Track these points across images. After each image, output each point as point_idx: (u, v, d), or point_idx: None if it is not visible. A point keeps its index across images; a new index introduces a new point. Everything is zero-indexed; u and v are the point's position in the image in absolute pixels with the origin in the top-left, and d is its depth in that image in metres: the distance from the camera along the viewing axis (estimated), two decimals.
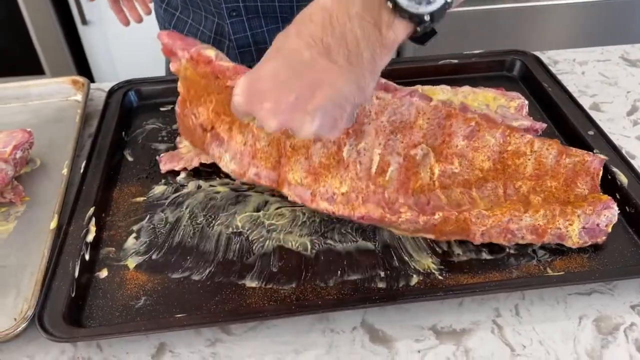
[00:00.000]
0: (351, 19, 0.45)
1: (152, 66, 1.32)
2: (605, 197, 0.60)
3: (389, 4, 0.44)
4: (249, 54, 0.90)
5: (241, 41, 0.88)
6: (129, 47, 1.82)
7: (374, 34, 0.46)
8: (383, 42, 0.46)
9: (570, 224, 0.59)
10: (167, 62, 1.07)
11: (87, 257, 0.59)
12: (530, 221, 0.58)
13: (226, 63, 0.63)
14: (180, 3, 0.91)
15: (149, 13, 0.90)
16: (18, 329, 0.52)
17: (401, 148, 0.61)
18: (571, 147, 0.64)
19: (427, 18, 0.45)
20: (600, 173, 0.63)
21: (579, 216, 0.59)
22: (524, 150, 0.63)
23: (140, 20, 0.90)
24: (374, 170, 0.60)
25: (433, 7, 0.45)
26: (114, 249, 0.61)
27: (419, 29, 0.47)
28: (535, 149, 0.63)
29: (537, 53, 0.89)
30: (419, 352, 0.53)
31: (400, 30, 0.46)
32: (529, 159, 0.63)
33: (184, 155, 0.70)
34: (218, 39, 0.90)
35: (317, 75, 0.46)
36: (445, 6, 0.46)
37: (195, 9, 0.90)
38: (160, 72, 0.89)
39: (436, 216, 0.58)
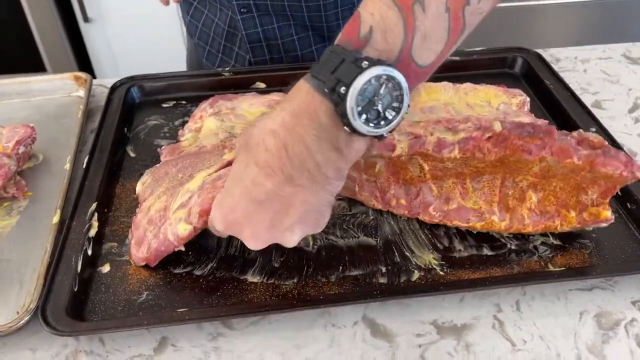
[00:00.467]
0: (308, 148, 0.44)
1: (153, 63, 1.32)
2: (605, 214, 0.57)
3: (346, 129, 0.43)
4: (260, 49, 0.90)
5: (252, 37, 0.88)
6: (130, 44, 1.83)
7: (334, 155, 0.44)
8: (345, 158, 0.45)
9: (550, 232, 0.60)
10: (189, 62, 1.07)
11: (89, 252, 0.59)
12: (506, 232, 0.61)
13: None
14: None
15: None
16: (21, 322, 0.52)
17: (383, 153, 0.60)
18: (609, 156, 0.54)
19: (386, 135, 0.45)
20: (626, 183, 0.57)
21: (559, 234, 0.60)
22: (529, 162, 0.57)
23: (178, 0, 0.91)
24: (362, 163, 0.61)
25: (392, 125, 0.44)
26: (116, 244, 0.61)
27: (378, 140, 0.46)
28: (549, 160, 0.56)
29: (540, 51, 0.89)
30: (420, 346, 0.53)
31: (360, 145, 0.45)
32: (537, 165, 0.58)
33: (184, 148, 0.70)
34: (232, 32, 0.91)
35: (285, 200, 0.46)
36: (402, 118, 0.45)
37: (211, 1, 0.91)
38: (162, 69, 0.89)
39: (420, 217, 0.62)
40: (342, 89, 0.42)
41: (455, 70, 0.86)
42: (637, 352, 0.52)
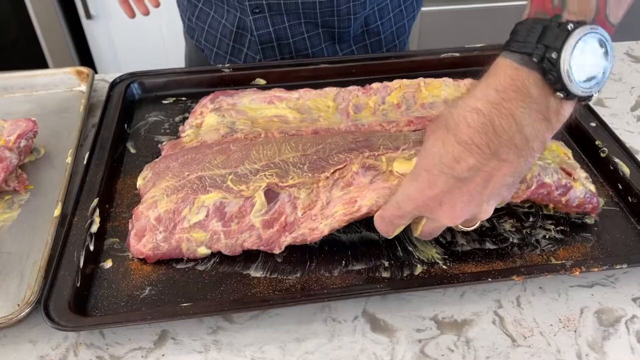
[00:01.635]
0: (517, 122, 0.44)
1: (155, 60, 1.33)
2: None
3: (560, 95, 0.44)
4: (271, 49, 0.90)
5: (264, 37, 0.88)
6: (132, 41, 1.83)
7: (542, 126, 0.45)
8: (552, 128, 0.46)
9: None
10: (187, 60, 1.07)
11: (91, 247, 0.59)
12: None
13: None
14: None
15: (157, 5, 0.88)
16: (21, 314, 0.52)
17: None
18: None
19: (595, 93, 0.46)
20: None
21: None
22: None
23: (147, 12, 0.88)
24: None
25: (601, 83, 0.45)
26: (117, 239, 0.61)
27: (584, 102, 0.47)
28: None
29: None
30: (420, 341, 0.53)
31: (568, 111, 0.46)
32: None
33: (185, 144, 0.70)
34: (240, 33, 0.91)
35: (487, 174, 0.46)
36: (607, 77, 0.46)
37: (218, 3, 0.90)
38: (164, 66, 0.89)
39: None
40: (553, 55, 0.42)
41: (456, 66, 0.86)
42: (638, 348, 0.52)
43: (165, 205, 0.59)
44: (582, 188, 0.60)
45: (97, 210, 0.62)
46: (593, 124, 0.72)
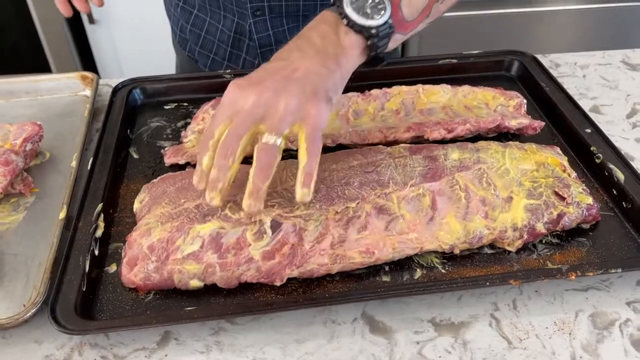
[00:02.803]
0: (315, 30, 0.61)
1: (158, 65, 1.34)
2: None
3: (344, 20, 0.60)
4: (269, 53, 0.91)
5: (263, 40, 0.90)
6: (135, 46, 1.84)
7: (333, 38, 0.60)
8: (341, 44, 0.60)
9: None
10: (177, 66, 1.08)
11: (96, 252, 0.60)
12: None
13: None
14: (198, 2, 0.92)
15: (100, 5, 0.80)
16: (27, 315, 0.53)
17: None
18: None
19: (373, 32, 0.59)
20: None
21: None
22: None
23: (87, 10, 0.80)
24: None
25: (376, 22, 0.59)
26: (122, 244, 0.61)
27: (369, 42, 0.60)
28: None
29: (539, 56, 0.90)
30: (417, 343, 0.54)
31: (354, 39, 0.60)
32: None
33: (188, 150, 0.71)
34: (238, 38, 0.91)
35: (293, 63, 0.58)
36: (387, 26, 0.60)
37: (214, 9, 0.91)
38: (166, 72, 0.90)
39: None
40: None
41: (454, 72, 0.87)
42: (631, 351, 0.53)
43: (159, 233, 0.58)
44: (576, 211, 0.61)
45: (102, 215, 0.63)
46: (588, 130, 0.73)
